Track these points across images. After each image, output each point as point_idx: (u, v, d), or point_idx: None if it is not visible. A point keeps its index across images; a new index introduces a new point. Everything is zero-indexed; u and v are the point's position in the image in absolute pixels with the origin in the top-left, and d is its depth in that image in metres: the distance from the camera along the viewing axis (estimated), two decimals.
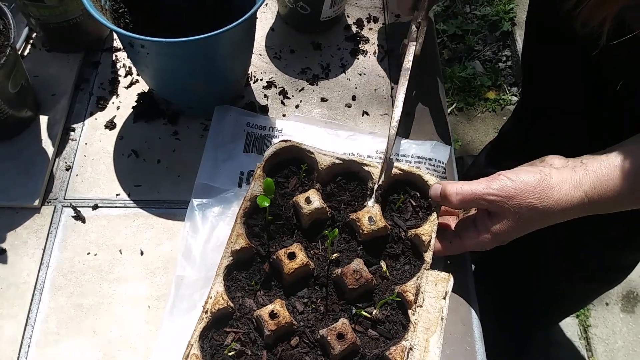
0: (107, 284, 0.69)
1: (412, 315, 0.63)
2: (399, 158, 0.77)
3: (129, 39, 0.65)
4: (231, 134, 0.77)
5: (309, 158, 0.71)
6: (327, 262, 0.67)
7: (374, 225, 0.66)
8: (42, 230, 0.72)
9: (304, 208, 0.66)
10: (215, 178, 0.74)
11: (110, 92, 0.83)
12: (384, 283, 0.66)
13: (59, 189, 0.75)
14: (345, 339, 0.59)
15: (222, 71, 0.75)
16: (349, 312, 0.64)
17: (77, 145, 0.79)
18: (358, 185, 0.72)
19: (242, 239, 0.64)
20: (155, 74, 0.75)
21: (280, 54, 0.89)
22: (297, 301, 0.65)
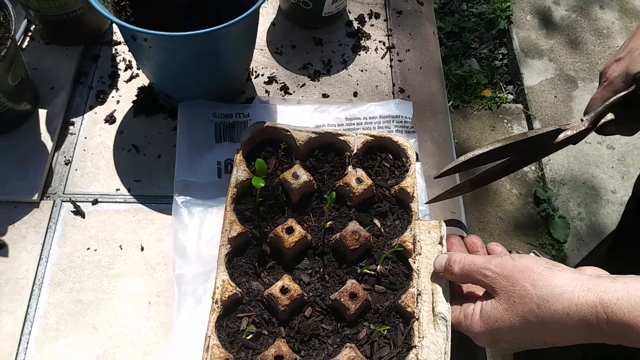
0: (107, 280, 0.68)
1: (414, 264, 0.66)
2: (368, 121, 0.79)
3: (132, 32, 0.64)
4: (200, 127, 0.77)
5: (285, 136, 0.72)
6: (323, 231, 0.68)
7: (363, 184, 0.68)
8: (41, 225, 0.71)
9: (292, 183, 0.67)
10: (193, 173, 0.73)
11: (110, 86, 0.82)
12: (380, 240, 0.68)
13: (58, 184, 0.74)
14: (358, 297, 0.61)
15: (223, 66, 0.74)
16: (353, 273, 0.66)
17: (77, 139, 0.78)
18: (335, 156, 0.73)
19: (236, 225, 0.65)
20: (156, 68, 0.74)
21: (282, 49, 0.88)
22: (301, 274, 0.66)
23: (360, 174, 0.69)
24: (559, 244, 1.87)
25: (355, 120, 0.80)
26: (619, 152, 2.03)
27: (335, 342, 0.62)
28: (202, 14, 0.80)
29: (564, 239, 1.88)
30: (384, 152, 0.74)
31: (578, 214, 1.93)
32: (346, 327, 0.63)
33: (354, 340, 0.62)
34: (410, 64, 0.88)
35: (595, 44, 2.29)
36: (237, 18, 0.64)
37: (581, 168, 2.00)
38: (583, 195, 1.96)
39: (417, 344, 0.61)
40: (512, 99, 2.17)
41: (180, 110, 0.77)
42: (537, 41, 2.28)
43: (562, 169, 1.99)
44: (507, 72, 2.25)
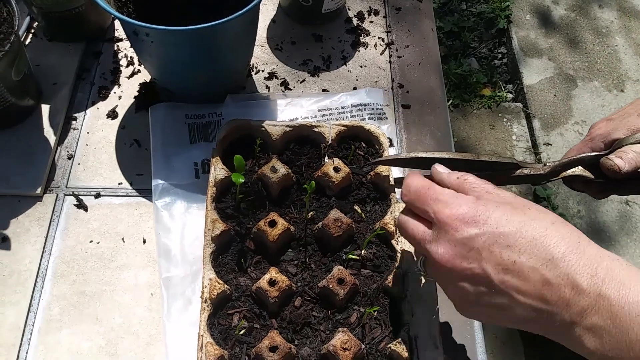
0: (110, 272, 0.69)
1: (397, 245, 0.67)
2: (340, 111, 0.81)
3: (134, 27, 0.65)
4: (173, 130, 0.76)
5: (260, 132, 0.73)
6: (305, 222, 0.69)
7: (341, 173, 0.69)
8: (44, 218, 0.72)
9: (272, 177, 0.67)
10: (170, 176, 0.73)
11: (112, 82, 0.83)
12: (361, 226, 0.69)
13: (61, 178, 0.75)
14: (345, 282, 0.62)
15: (225, 61, 0.75)
16: (338, 260, 0.67)
17: (79, 134, 0.79)
18: (311, 147, 0.74)
19: (219, 223, 0.65)
20: (158, 63, 0.75)
21: (282, 45, 0.89)
22: (287, 265, 0.67)
23: (338, 162, 0.70)
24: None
25: (328, 112, 0.81)
26: None
27: (327, 329, 0.64)
28: (204, 10, 0.81)
29: None
30: (357, 140, 0.75)
31: (577, 211, 1.94)
32: (337, 313, 0.64)
33: (345, 325, 0.63)
34: (409, 60, 0.89)
35: (594, 43, 2.30)
36: (238, 12, 0.65)
37: None
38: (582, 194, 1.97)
39: (407, 321, 0.63)
40: (511, 98, 2.18)
41: (151, 114, 0.77)
42: (536, 40, 2.29)
43: None
44: (506, 71, 2.26)
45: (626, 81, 2.20)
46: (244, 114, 0.78)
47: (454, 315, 0.69)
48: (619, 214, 1.93)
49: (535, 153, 2.02)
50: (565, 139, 2.05)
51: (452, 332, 0.69)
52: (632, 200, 1.96)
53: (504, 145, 2.06)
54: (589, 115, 2.10)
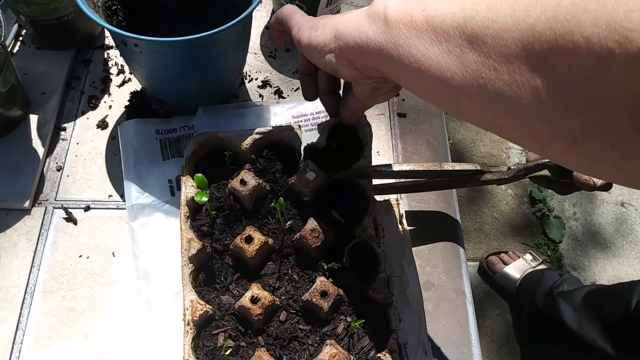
0: (100, 287, 0.68)
1: (379, 248, 0.66)
2: (315, 116, 0.79)
3: (122, 37, 0.64)
4: (143, 147, 0.74)
5: (230, 143, 0.71)
6: (283, 233, 0.67)
7: (317, 179, 0.67)
8: (32, 232, 0.70)
9: (242, 190, 0.66)
10: (144, 194, 0.71)
11: (102, 91, 0.82)
12: (342, 230, 0.67)
13: (50, 190, 0.73)
14: (329, 295, 0.61)
15: (216, 71, 0.74)
16: (321, 270, 0.66)
17: (68, 145, 0.77)
18: (284, 152, 0.72)
19: (194, 242, 0.63)
20: (148, 73, 0.74)
21: (276, 52, 0.87)
22: (269, 279, 0.65)
23: (314, 167, 0.68)
24: (555, 244, 1.87)
25: (303, 117, 0.79)
26: None
27: (315, 342, 0.62)
28: (194, 16, 0.80)
29: (559, 239, 1.88)
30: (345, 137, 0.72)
31: (573, 213, 1.93)
32: (322, 325, 0.63)
33: (332, 336, 0.62)
34: None
35: None
36: (230, 23, 0.63)
37: None
38: (578, 195, 1.97)
39: (395, 328, 0.63)
40: None
41: (121, 132, 0.74)
42: None
43: None
44: None
45: None
46: (216, 125, 0.76)
47: (451, 328, 0.68)
48: (615, 216, 1.93)
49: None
50: None
51: (448, 346, 0.68)
52: (627, 202, 1.96)
53: (500, 147, 2.05)
54: None
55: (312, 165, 0.70)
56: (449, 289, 0.71)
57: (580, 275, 1.82)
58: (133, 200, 0.71)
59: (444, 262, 0.72)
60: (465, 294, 0.71)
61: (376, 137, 0.80)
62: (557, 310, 1.52)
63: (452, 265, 0.72)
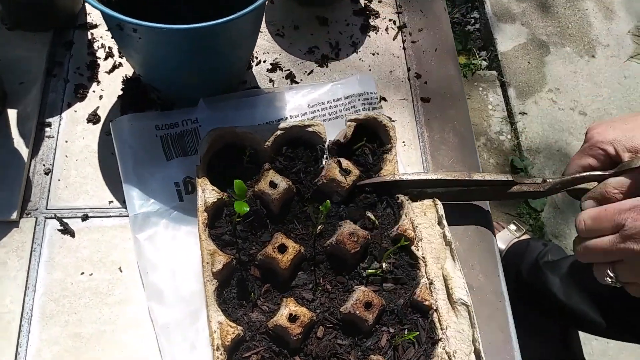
0: (108, 308, 0.60)
1: (418, 251, 0.63)
2: (333, 104, 0.72)
3: (118, 21, 0.54)
4: (143, 146, 0.65)
5: (249, 139, 0.64)
6: (313, 239, 0.62)
7: (351, 176, 0.63)
8: (23, 247, 0.61)
9: (272, 194, 0.60)
10: (148, 202, 0.63)
11: (89, 79, 0.71)
12: (375, 234, 0.63)
13: (39, 198, 0.64)
14: (373, 306, 0.57)
15: (226, 59, 0.64)
16: (357, 278, 0.61)
17: (56, 143, 0.67)
18: (305, 149, 0.66)
19: (218, 255, 0.57)
20: (145, 60, 0.64)
21: (283, 30, 0.78)
22: (301, 291, 0.60)
23: (347, 164, 0.63)
24: (537, 213, 1.88)
25: (319, 106, 0.71)
26: (591, 117, 2.04)
27: (357, 357, 0.58)
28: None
29: (541, 207, 1.89)
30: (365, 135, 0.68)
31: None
32: (364, 338, 0.58)
33: (376, 350, 0.58)
34: (424, 46, 0.80)
35: (565, 7, 2.27)
36: (249, 8, 0.54)
37: (555, 135, 2.00)
38: (558, 162, 1.97)
39: (441, 337, 0.59)
40: (485, 66, 2.13)
41: (114, 130, 0.65)
42: (508, 4, 2.23)
43: (537, 137, 1.99)
44: (479, 38, 2.20)
45: (597, 46, 2.19)
46: (224, 117, 0.68)
47: (492, 334, 0.64)
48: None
49: (511, 123, 2.00)
50: (540, 108, 2.03)
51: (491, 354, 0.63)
52: None
53: (481, 115, 2.02)
54: (562, 83, 2.08)
55: (345, 162, 0.63)
56: (488, 291, 0.66)
57: (561, 243, 1.84)
58: (136, 209, 0.62)
59: (480, 263, 0.67)
60: (503, 295, 0.67)
61: (400, 124, 0.74)
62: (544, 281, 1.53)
63: (489, 265, 0.68)
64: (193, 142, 0.67)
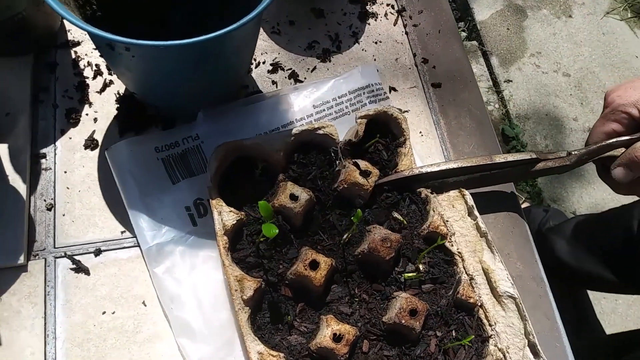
0: (137, 347, 0.56)
1: (452, 247, 0.60)
2: (338, 101, 0.68)
3: (108, 41, 0.49)
4: (145, 172, 0.61)
5: (258, 150, 0.60)
6: (341, 248, 0.59)
7: (372, 177, 0.60)
8: (36, 293, 0.57)
9: (294, 208, 0.56)
10: (161, 232, 0.59)
11: (80, 101, 0.66)
12: (405, 234, 0.60)
13: (45, 237, 0.59)
14: (419, 313, 0.54)
15: (228, 67, 0.60)
16: (393, 283, 0.58)
17: (54, 175, 0.62)
18: (317, 153, 0.62)
19: (247, 281, 0.53)
20: (140, 78, 0.59)
21: (279, 27, 0.74)
22: (339, 306, 0.57)
23: (365, 165, 0.60)
24: (533, 180, 1.87)
25: (325, 106, 0.68)
26: (575, 78, 2.04)
27: None
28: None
29: None
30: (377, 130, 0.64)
31: (546, 146, 1.93)
32: (412, 347, 0.56)
33: (426, 358, 0.55)
34: (426, 28, 0.77)
35: None
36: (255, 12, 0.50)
37: (542, 99, 1.99)
38: (548, 127, 1.96)
39: (491, 333, 0.57)
40: (465, 37, 2.11)
41: (111, 159, 0.61)
42: None
43: (525, 104, 1.98)
44: (456, 9, 2.17)
45: (572, 5, 2.18)
46: (226, 130, 0.63)
47: (539, 324, 0.62)
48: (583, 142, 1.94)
49: (497, 92, 1.98)
50: (524, 74, 2.01)
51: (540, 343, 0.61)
52: None
53: None
54: (542, 46, 2.07)
55: (363, 162, 0.60)
56: (528, 278, 0.64)
57: (560, 207, 1.84)
58: (149, 241, 0.58)
59: (517, 250, 0.65)
60: (544, 281, 0.64)
61: (414, 114, 0.70)
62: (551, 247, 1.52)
63: (525, 252, 0.65)
64: (197, 160, 0.62)
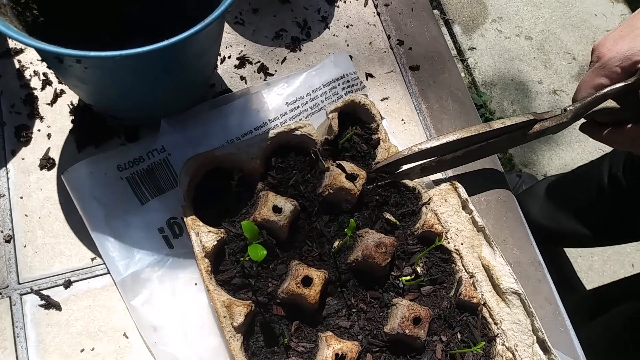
0: None
1: (449, 244, 0.57)
2: (312, 96, 0.63)
3: (56, 54, 0.43)
4: (109, 194, 0.55)
5: (231, 160, 0.55)
6: (332, 257, 0.55)
7: (359, 179, 0.55)
8: (4, 336, 0.51)
9: (279, 221, 0.52)
10: (134, 259, 0.54)
11: (29, 116, 0.60)
12: (398, 235, 0.57)
13: (7, 272, 0.53)
14: (422, 320, 0.52)
15: (191, 71, 0.54)
16: (392, 289, 0.55)
17: (9, 202, 0.56)
18: (296, 155, 0.58)
19: (236, 306, 0.49)
20: (96, 90, 0.53)
21: (242, 17, 0.68)
22: (337, 319, 0.54)
23: (350, 167, 0.56)
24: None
25: (299, 102, 0.63)
26: (537, 41, 2.03)
27: None
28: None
29: None
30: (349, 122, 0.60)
31: (514, 111, 1.93)
32: (417, 355, 0.53)
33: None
34: (399, 7, 0.72)
35: None
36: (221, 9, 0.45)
37: (507, 65, 1.98)
38: (514, 92, 1.96)
39: (497, 332, 0.55)
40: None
41: (68, 182, 0.54)
42: None
43: (490, 70, 1.96)
44: None
45: None
46: (191, 138, 0.58)
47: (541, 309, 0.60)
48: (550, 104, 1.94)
49: (462, 60, 1.96)
50: (488, 40, 1.99)
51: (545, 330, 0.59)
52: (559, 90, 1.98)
53: None
54: (503, 11, 2.05)
55: (348, 164, 0.56)
56: (526, 263, 0.62)
57: (531, 170, 1.84)
58: (122, 272, 0.53)
59: (512, 235, 0.63)
60: (541, 264, 0.62)
61: (394, 101, 0.66)
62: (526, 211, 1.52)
63: (520, 236, 0.63)
64: (166, 175, 0.57)
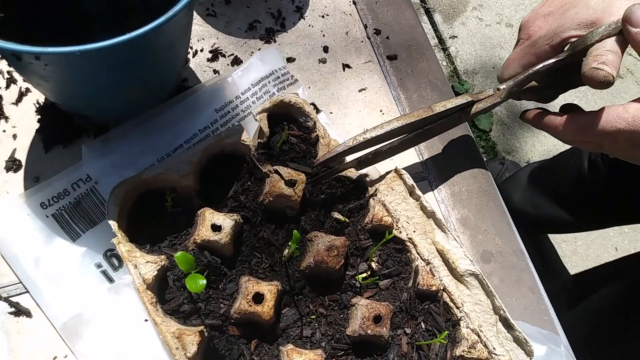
0: None
1: (401, 234, 0.56)
2: (242, 99, 0.61)
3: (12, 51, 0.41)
4: (36, 236, 0.52)
5: (163, 181, 0.52)
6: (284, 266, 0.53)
7: (299, 185, 0.53)
8: None
9: (220, 240, 0.49)
10: (72, 302, 0.51)
11: None
12: (349, 231, 0.56)
13: None
14: (383, 317, 0.51)
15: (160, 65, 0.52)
16: (349, 288, 0.54)
17: None
18: (232, 164, 0.55)
19: (187, 336, 0.46)
20: (60, 88, 0.50)
21: (214, 8, 0.66)
22: (295, 330, 0.52)
23: (288, 172, 0.53)
24: (486, 134, 1.87)
25: (229, 106, 0.60)
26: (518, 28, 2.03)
27: None
28: None
29: (489, 127, 1.88)
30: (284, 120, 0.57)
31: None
32: (382, 353, 0.52)
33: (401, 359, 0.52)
34: None
35: None
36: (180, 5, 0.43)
37: (488, 52, 1.98)
38: (496, 80, 1.95)
39: (460, 315, 0.54)
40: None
41: None
42: None
43: (472, 58, 1.96)
44: None
45: None
46: (118, 161, 0.55)
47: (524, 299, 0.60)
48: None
49: (444, 49, 1.95)
50: (468, 28, 1.99)
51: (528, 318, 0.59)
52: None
53: None
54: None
55: (285, 170, 0.53)
56: (509, 253, 0.61)
57: (514, 157, 1.85)
58: (62, 317, 0.50)
59: (494, 225, 0.62)
60: (524, 253, 0.62)
61: (372, 91, 0.65)
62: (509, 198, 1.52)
63: (502, 225, 0.62)
64: (95, 205, 0.54)
